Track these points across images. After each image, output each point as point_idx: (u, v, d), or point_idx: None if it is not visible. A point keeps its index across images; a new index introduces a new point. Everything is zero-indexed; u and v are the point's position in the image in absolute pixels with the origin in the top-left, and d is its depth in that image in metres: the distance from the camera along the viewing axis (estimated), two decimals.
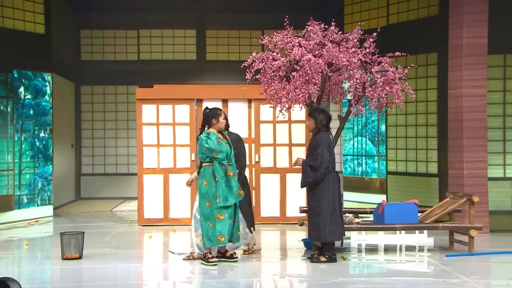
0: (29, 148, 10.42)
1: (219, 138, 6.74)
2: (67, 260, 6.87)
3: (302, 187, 6.92)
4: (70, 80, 13.06)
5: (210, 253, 6.68)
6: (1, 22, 9.89)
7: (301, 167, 6.83)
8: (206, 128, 6.85)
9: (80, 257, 6.94)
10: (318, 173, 6.64)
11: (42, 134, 10.68)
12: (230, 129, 7.22)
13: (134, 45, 13.53)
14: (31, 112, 10.52)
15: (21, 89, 10.36)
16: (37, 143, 10.62)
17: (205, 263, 6.63)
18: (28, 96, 10.49)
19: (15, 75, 10.21)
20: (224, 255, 6.81)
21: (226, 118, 7.09)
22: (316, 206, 6.70)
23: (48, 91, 10.81)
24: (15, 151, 10.10)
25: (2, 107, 9.95)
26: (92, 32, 13.42)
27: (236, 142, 7.43)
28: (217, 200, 6.56)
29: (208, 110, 6.90)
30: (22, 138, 10.30)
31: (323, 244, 6.81)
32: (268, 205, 9.82)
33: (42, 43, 10.56)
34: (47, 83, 10.81)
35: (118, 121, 13.70)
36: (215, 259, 6.64)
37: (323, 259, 6.77)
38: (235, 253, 6.92)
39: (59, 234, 7.11)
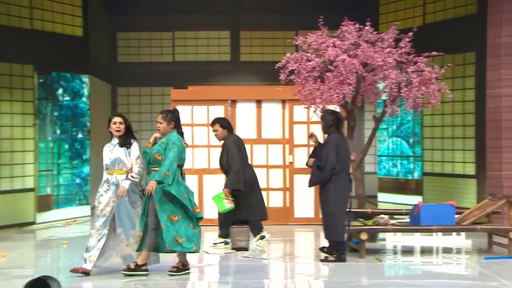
0: (67, 149, 10.61)
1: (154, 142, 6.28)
2: None
3: (309, 186, 7.01)
4: (107, 82, 13.25)
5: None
6: (41, 26, 10.09)
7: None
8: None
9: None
10: (323, 173, 6.67)
11: (79, 135, 10.86)
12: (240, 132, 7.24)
13: (169, 46, 13.65)
14: (69, 113, 10.70)
15: (60, 91, 10.54)
16: (75, 144, 10.80)
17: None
18: (67, 98, 10.67)
19: (54, 77, 10.41)
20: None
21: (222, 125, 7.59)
22: (323, 206, 6.78)
23: (86, 93, 10.98)
24: (54, 152, 10.30)
25: (42, 109, 10.15)
26: (128, 34, 13.60)
27: (225, 148, 7.60)
28: None
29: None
30: (61, 139, 10.49)
31: (332, 243, 6.80)
32: (302, 206, 9.80)
33: (80, 46, 10.73)
34: (85, 85, 10.98)
35: (153, 122, 13.81)
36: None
37: (331, 258, 6.76)
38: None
39: None
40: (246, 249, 7.46)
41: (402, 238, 8.11)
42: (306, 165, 7.13)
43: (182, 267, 6.25)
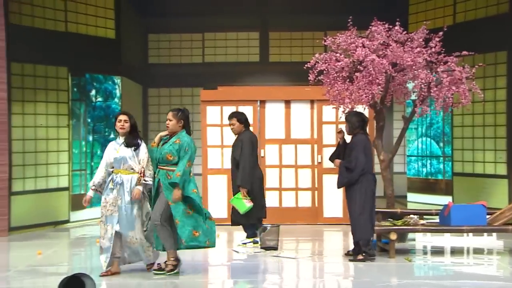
0: (100, 149, 10.73)
1: (160, 141, 6.27)
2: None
3: (338, 187, 7.01)
4: (138, 83, 13.37)
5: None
6: (75, 28, 10.23)
7: (338, 167, 6.91)
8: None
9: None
10: (353, 175, 6.70)
11: (112, 136, 10.97)
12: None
13: (199, 48, 13.69)
14: (102, 114, 10.83)
15: (93, 92, 10.69)
16: (107, 144, 10.88)
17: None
18: (99, 99, 10.80)
19: (88, 79, 10.54)
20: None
21: (239, 120, 7.65)
22: (351, 206, 6.79)
23: (118, 94, 11.10)
24: (87, 152, 10.44)
25: (75, 110, 10.29)
26: (159, 36, 13.70)
27: (240, 143, 7.63)
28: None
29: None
30: (94, 140, 10.62)
31: (361, 243, 6.77)
32: (331, 206, 9.75)
33: (112, 48, 10.85)
34: (117, 86, 11.10)
35: None
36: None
37: (360, 257, 6.73)
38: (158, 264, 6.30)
39: None
40: (275, 248, 7.45)
41: (432, 238, 8.02)
42: (330, 159, 7.17)
43: (176, 263, 6.14)
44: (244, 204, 7.49)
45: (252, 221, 7.71)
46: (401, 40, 7.49)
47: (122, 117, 6.28)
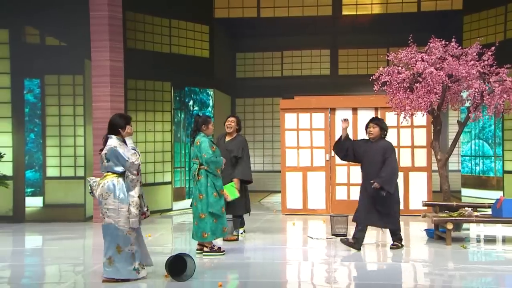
0: None
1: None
2: (227, 241, 7.10)
3: (392, 192, 6.48)
4: (227, 94, 13.64)
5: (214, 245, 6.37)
6: (177, 50, 10.55)
7: (388, 176, 6.49)
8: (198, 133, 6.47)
9: (236, 239, 7.21)
10: (396, 176, 6.61)
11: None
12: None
13: (278, 64, 13.83)
14: None
15: (191, 102, 11.00)
16: None
17: (215, 254, 6.29)
18: (196, 108, 11.09)
19: (186, 91, 10.87)
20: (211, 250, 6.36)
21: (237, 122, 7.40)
22: (394, 202, 6.59)
23: (211, 104, 11.37)
24: (185, 152, 10.76)
25: (177, 117, 10.64)
26: (245, 54, 13.94)
27: (242, 143, 7.36)
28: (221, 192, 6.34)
29: (199, 117, 6.51)
30: (191, 142, 10.89)
31: (396, 231, 6.68)
32: None
33: (206, 65, 11.11)
34: (210, 97, 11.37)
35: (265, 127, 14.08)
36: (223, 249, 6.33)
37: (399, 244, 6.68)
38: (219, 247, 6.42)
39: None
40: (344, 235, 7.42)
41: (484, 228, 7.73)
42: (335, 149, 6.93)
43: (213, 250, 6.35)
44: (236, 192, 7.13)
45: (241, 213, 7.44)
46: (456, 54, 7.28)
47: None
